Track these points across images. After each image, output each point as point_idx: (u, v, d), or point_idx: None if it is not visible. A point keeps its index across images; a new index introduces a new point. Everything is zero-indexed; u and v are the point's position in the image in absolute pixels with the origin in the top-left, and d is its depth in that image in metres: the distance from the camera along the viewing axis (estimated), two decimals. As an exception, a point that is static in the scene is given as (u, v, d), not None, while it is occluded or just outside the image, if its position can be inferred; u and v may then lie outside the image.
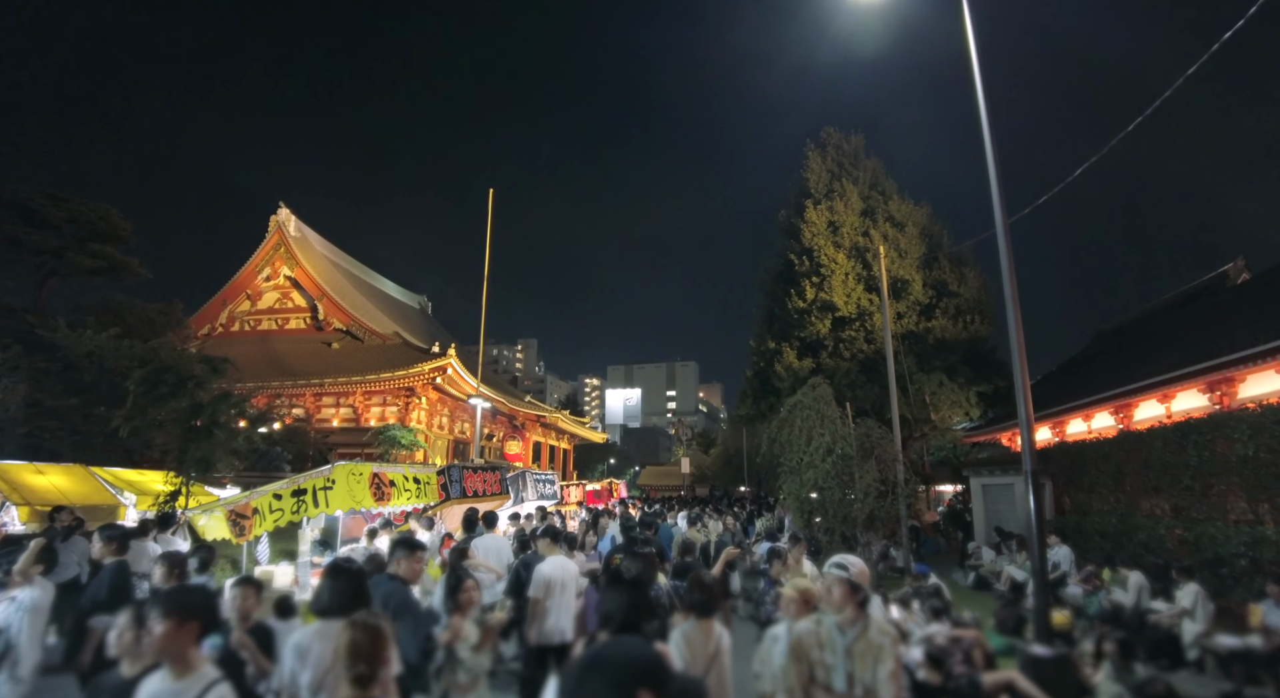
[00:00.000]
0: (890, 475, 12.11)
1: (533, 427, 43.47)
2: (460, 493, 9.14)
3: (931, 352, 20.97)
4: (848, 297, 21.92)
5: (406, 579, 4.19)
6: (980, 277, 22.75)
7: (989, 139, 6.53)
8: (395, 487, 7.78)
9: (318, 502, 6.65)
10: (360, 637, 2.39)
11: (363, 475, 7.27)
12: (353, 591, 3.22)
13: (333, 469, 6.94)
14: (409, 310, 51.23)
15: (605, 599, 3.09)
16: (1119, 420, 19.01)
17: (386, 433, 23.72)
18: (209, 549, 5.00)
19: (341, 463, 7.16)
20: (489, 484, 9.98)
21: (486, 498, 9.75)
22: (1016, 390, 7.00)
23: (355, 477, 7.12)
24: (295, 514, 6.58)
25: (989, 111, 6.61)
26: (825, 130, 26.35)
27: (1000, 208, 6.57)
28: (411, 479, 8.23)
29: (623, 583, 3.22)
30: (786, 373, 22.26)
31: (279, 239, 40.81)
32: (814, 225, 23.24)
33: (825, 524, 11.78)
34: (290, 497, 6.55)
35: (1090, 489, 13.48)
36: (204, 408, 10.17)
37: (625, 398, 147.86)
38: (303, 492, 6.61)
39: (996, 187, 6.57)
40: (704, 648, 3.43)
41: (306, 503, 6.59)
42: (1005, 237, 6.56)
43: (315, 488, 6.67)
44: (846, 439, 12.12)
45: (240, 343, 37.10)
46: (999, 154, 6.50)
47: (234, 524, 6.26)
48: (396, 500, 7.72)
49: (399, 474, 8.01)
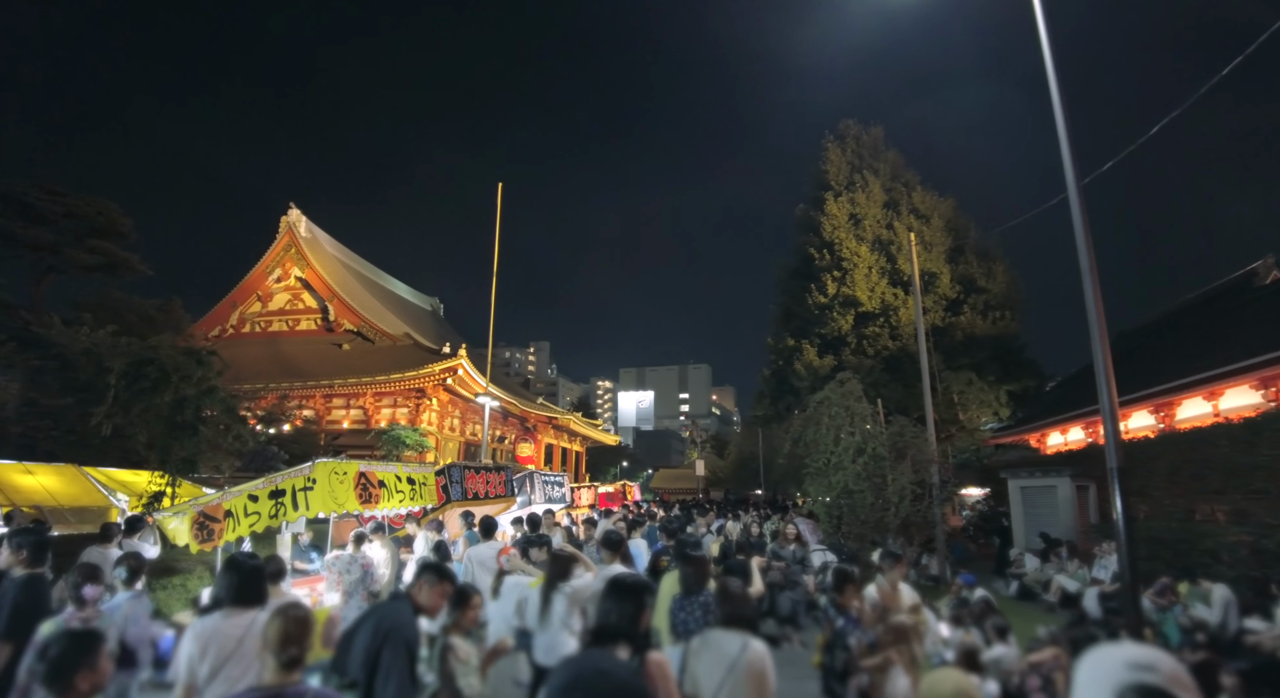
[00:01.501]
0: (925, 478, 11.24)
1: (544, 429, 42.86)
2: (461, 495, 8.38)
3: (959, 348, 20.05)
4: (871, 291, 21.05)
5: (422, 608, 3.41)
6: (1009, 271, 21.84)
7: (1056, 87, 5.73)
8: (385, 488, 7.01)
9: (297, 504, 5.91)
10: (290, 625, 2.57)
11: (347, 475, 6.51)
12: (244, 583, 3.33)
13: (313, 467, 6.18)
14: (420, 312, 50.87)
15: (601, 605, 2.90)
16: (1159, 419, 18.04)
17: (390, 433, 23.04)
18: (137, 557, 4.27)
19: (323, 460, 6.43)
20: (492, 486, 9.20)
21: (490, 501, 8.99)
22: (1098, 373, 6.15)
23: (338, 476, 6.36)
24: (274, 518, 5.85)
25: (1055, 58, 5.82)
26: (843, 123, 25.51)
27: (1071, 166, 5.74)
28: (405, 480, 7.45)
29: (621, 588, 2.92)
30: (806, 372, 21.42)
31: (289, 240, 40.58)
32: (834, 218, 22.40)
33: (855, 530, 10.93)
34: (268, 498, 5.83)
35: (1140, 493, 12.51)
36: (188, 403, 9.53)
37: (638, 401, 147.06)
38: (281, 493, 5.88)
39: (1067, 143, 5.75)
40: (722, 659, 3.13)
41: (285, 505, 5.86)
42: (1079, 199, 5.74)
43: (295, 488, 5.93)
44: (878, 439, 11.26)
45: (250, 344, 37.00)
46: (1069, 108, 5.70)
47: (199, 529, 5.54)
48: (386, 503, 6.95)
49: (389, 474, 7.24)
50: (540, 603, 4.43)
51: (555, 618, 4.41)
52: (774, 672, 3.14)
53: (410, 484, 7.37)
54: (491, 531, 6.24)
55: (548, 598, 4.43)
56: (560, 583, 4.48)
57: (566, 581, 4.52)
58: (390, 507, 6.92)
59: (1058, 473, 13.22)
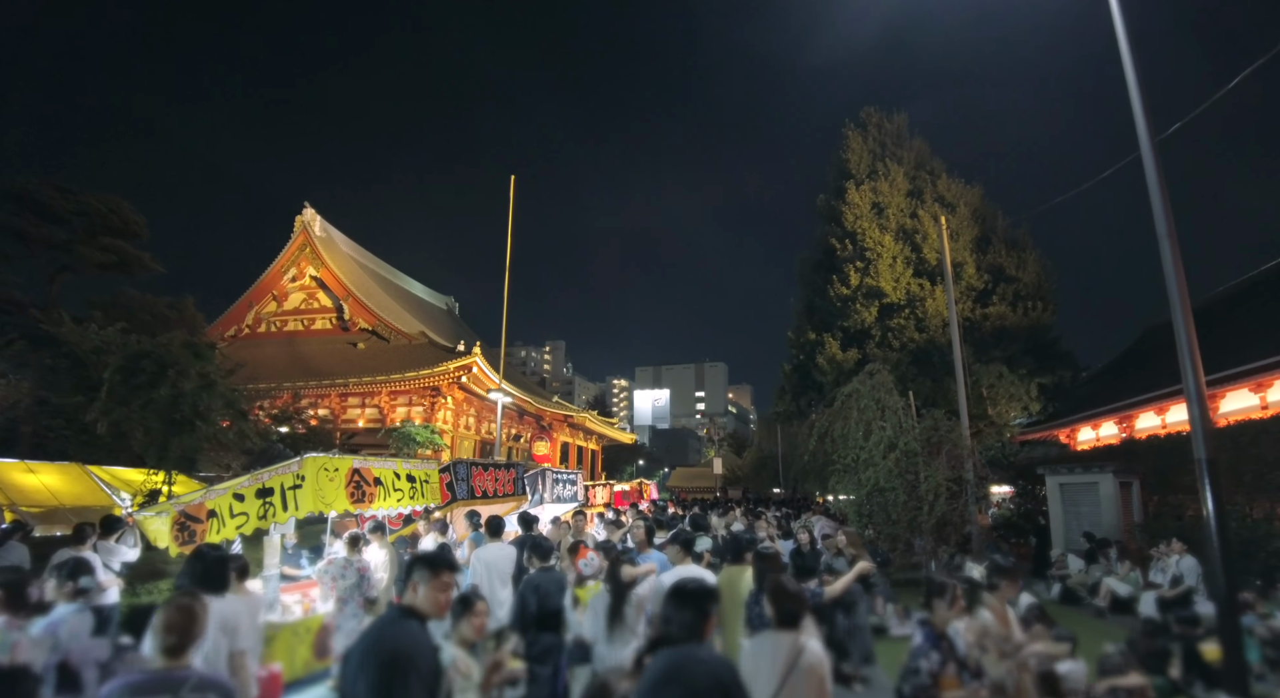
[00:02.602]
0: (961, 474, 10.57)
1: (560, 428, 42.54)
2: (468, 493, 7.84)
3: (990, 340, 19.25)
4: (896, 282, 20.32)
5: (424, 614, 2.78)
6: (1039, 261, 20.99)
7: (1123, 31, 5.09)
8: (381, 486, 6.47)
9: (286, 504, 5.44)
10: (171, 614, 2.69)
11: (339, 472, 5.98)
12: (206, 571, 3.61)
13: (302, 463, 5.67)
14: (436, 311, 50.78)
15: (665, 612, 2.81)
16: (1201, 413, 17.22)
17: (401, 430, 22.58)
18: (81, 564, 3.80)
19: (313, 455, 5.90)
20: (501, 484, 8.66)
21: (499, 499, 8.47)
22: (1181, 353, 5.49)
23: (328, 473, 5.84)
24: (263, 519, 5.38)
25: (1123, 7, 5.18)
26: (865, 110, 24.78)
27: (1144, 121, 5.10)
28: (404, 477, 6.89)
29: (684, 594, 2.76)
30: (829, 366, 20.73)
31: (304, 240, 40.60)
32: (857, 208, 21.68)
33: (887, 530, 10.29)
34: (255, 497, 5.35)
35: (1191, 490, 11.74)
36: (184, 398, 9.12)
37: (654, 399, 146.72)
38: (269, 491, 5.40)
39: (1138, 96, 5.11)
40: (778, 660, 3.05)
41: (274, 505, 5.39)
42: (1153, 156, 5.09)
43: (283, 486, 5.46)
44: (910, 433, 10.61)
45: (266, 344, 37.13)
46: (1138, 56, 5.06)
47: (180, 530, 5.08)
48: (382, 502, 6.43)
49: (387, 471, 6.68)
50: (609, 613, 4.18)
51: (626, 628, 4.19)
52: (830, 676, 3.06)
53: (410, 482, 6.83)
54: (499, 530, 5.66)
55: (618, 607, 4.18)
56: (629, 591, 4.25)
57: (634, 587, 4.29)
58: (387, 506, 6.40)
59: (1100, 469, 12.45)
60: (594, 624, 4.26)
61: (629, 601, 4.24)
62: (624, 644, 4.13)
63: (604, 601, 4.31)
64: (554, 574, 4.60)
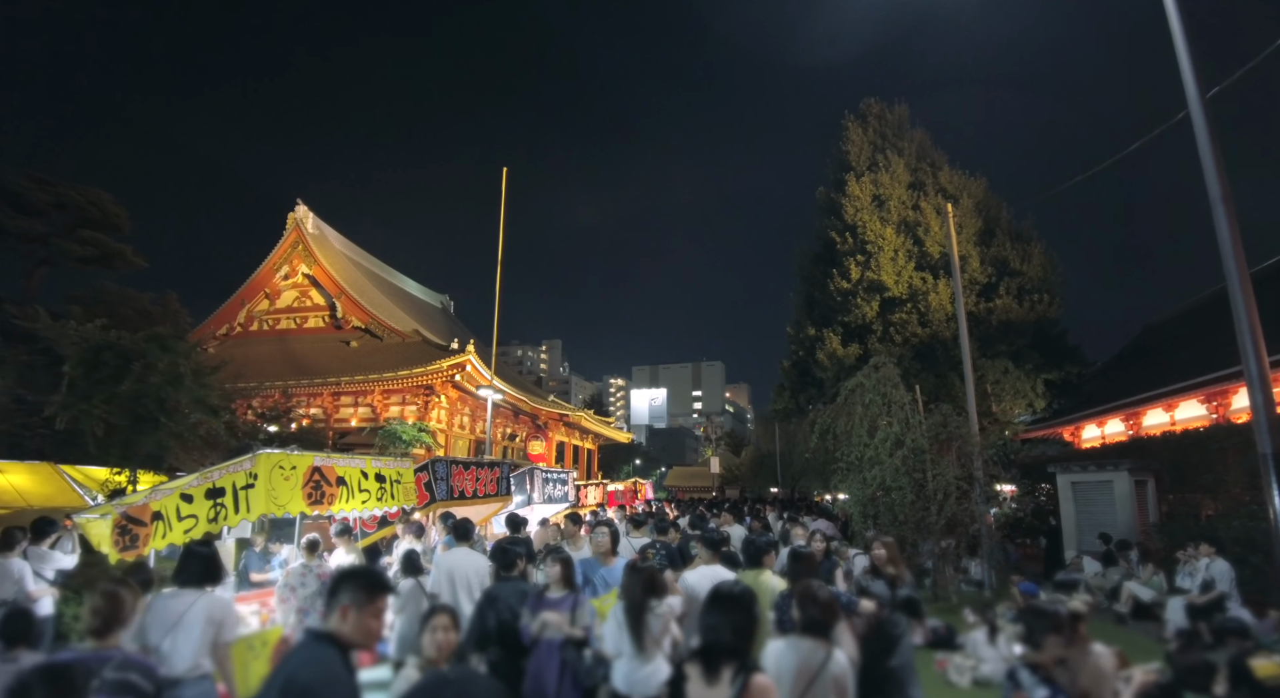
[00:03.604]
0: (971, 472, 10.07)
1: (556, 427, 42.13)
2: (447, 494, 7.30)
3: (995, 335, 18.76)
4: (897, 275, 19.81)
5: (349, 643, 2.25)
6: (1044, 253, 20.51)
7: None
8: (345, 485, 5.87)
9: (239, 505, 4.92)
10: (101, 601, 2.98)
11: (296, 470, 5.41)
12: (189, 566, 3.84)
13: (255, 460, 5.16)
14: (430, 309, 50.38)
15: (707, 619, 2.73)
16: (1212, 409, 16.80)
17: (387, 429, 21.97)
18: None
19: (267, 451, 5.35)
20: (484, 483, 8.09)
21: (481, 500, 7.92)
22: (1241, 332, 4.95)
23: (282, 471, 5.26)
24: (212, 523, 4.85)
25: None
26: (865, 101, 24.27)
27: (1192, 75, 4.60)
28: (372, 476, 6.26)
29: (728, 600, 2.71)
30: (830, 361, 20.23)
31: (297, 237, 40.30)
32: (857, 200, 21.18)
33: (894, 532, 9.77)
34: (204, 498, 4.83)
35: (1211, 489, 11.27)
36: (148, 393, 8.59)
37: (650, 398, 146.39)
38: (219, 492, 4.88)
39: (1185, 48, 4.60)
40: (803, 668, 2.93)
41: (225, 507, 4.86)
42: (1203, 111, 4.60)
43: (235, 486, 4.94)
44: (918, 429, 10.10)
45: (259, 343, 36.81)
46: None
47: (122, 534, 4.57)
48: (345, 504, 5.83)
49: (353, 470, 6.05)
50: (630, 626, 3.82)
51: (649, 642, 3.85)
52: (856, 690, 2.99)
53: (379, 482, 6.24)
54: (467, 534, 5.10)
55: (639, 620, 3.81)
56: (652, 601, 3.89)
57: (658, 597, 3.94)
58: (350, 508, 5.83)
59: (1114, 466, 11.95)
60: (616, 638, 3.89)
61: (652, 611, 3.86)
62: (648, 661, 3.79)
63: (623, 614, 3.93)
64: (516, 585, 4.09)
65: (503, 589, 4.02)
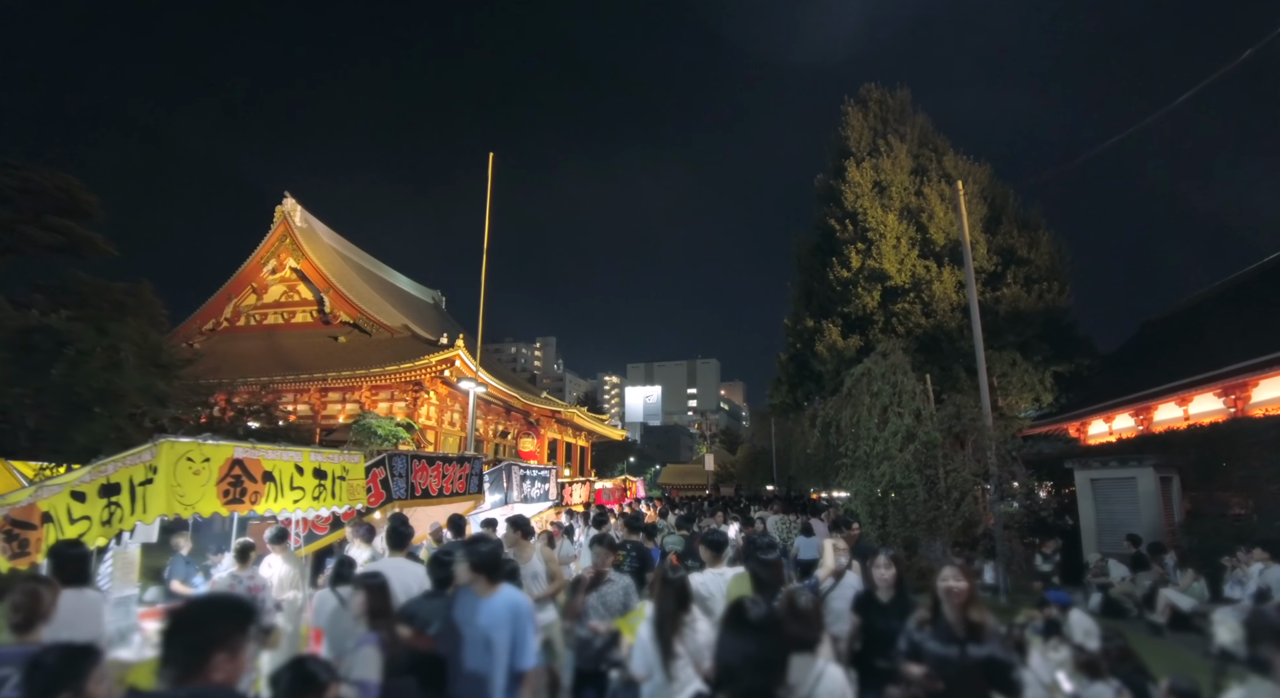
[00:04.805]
0: (987, 468, 9.29)
1: (548, 424, 41.49)
2: (406, 492, 6.44)
3: (1003, 325, 18.01)
4: (900, 264, 19.04)
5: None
6: (1052, 241, 19.79)
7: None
8: (273, 482, 4.93)
9: (135, 504, 4.08)
10: (19, 598, 3.05)
11: (208, 463, 4.42)
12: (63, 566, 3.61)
13: (156, 450, 4.18)
14: (421, 304, 49.78)
15: (724, 647, 2.27)
16: (1230, 403, 16.14)
17: (362, 423, 21.03)
18: None
19: (170, 439, 4.31)
20: (450, 480, 7.21)
21: (448, 499, 7.05)
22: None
23: (191, 464, 4.28)
24: (107, 525, 4.00)
25: None
26: (865, 86, 23.48)
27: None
28: (309, 471, 5.31)
29: (749, 625, 2.19)
30: (829, 353, 19.46)
31: (284, 230, 39.77)
32: (858, 186, 20.40)
33: (903, 533, 8.99)
34: (98, 496, 4.01)
35: (1242, 486, 10.53)
36: (79, 380, 7.74)
37: (645, 396, 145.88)
38: (115, 488, 4.04)
39: None
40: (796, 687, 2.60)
41: (121, 507, 4.04)
42: None
43: (133, 482, 4.10)
44: (930, 421, 9.32)
45: (246, 338, 36.32)
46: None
47: (8, 539, 3.78)
48: (273, 503, 4.89)
49: (286, 464, 5.08)
50: (658, 645, 3.38)
51: (680, 663, 3.43)
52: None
53: (319, 478, 5.34)
54: (402, 541, 4.26)
55: (668, 637, 3.39)
56: (683, 615, 3.49)
57: (688, 611, 3.53)
58: (280, 508, 4.92)
59: (1138, 462, 11.19)
60: (643, 658, 3.44)
61: (687, 625, 3.48)
62: (683, 686, 3.35)
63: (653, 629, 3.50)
64: (439, 603, 3.32)
65: (424, 608, 3.24)
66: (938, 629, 3.26)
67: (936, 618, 3.31)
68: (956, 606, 3.21)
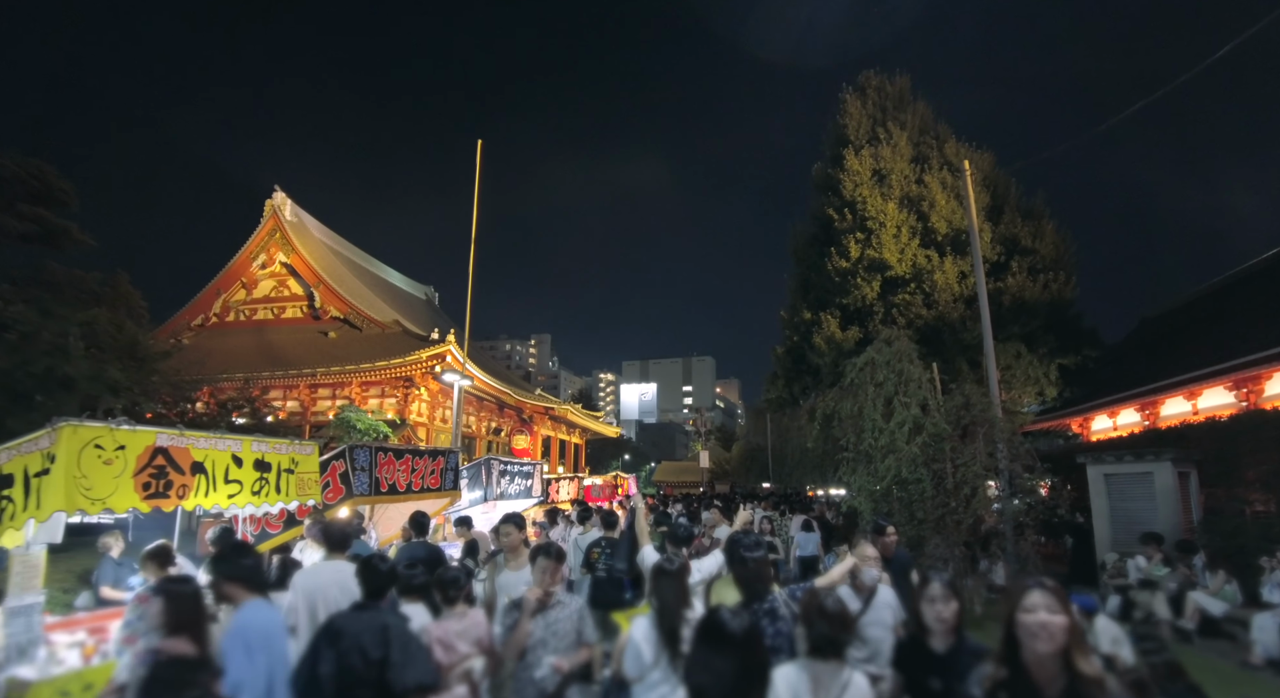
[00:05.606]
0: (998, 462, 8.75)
1: (542, 421, 41.06)
2: (370, 487, 5.81)
3: (1007, 316, 17.48)
4: (900, 253, 18.50)
5: None
6: (1056, 231, 19.29)
7: None
8: (205, 474, 4.29)
9: (29, 499, 3.47)
10: None
11: (123, 451, 3.80)
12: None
13: (55, 434, 3.61)
14: (413, 300, 49.46)
15: (696, 663, 2.05)
16: (1241, 396, 15.68)
17: (341, 417, 20.30)
18: None
19: (72, 422, 3.73)
20: (420, 475, 6.57)
21: (417, 495, 6.42)
22: None
23: (100, 452, 3.66)
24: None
25: None
26: (864, 74, 22.93)
27: None
28: (250, 464, 4.65)
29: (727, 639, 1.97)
30: (827, 346, 18.92)
31: (274, 224, 39.54)
32: (857, 175, 19.85)
33: (909, 532, 8.44)
34: (-15, 491, 3.44)
35: (1266, 482, 10.01)
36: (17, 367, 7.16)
37: (640, 393, 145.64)
38: (7, 480, 3.44)
39: None
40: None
41: (14, 501, 3.42)
42: None
43: (28, 473, 3.50)
44: (938, 412, 8.77)
45: (236, 334, 36.07)
46: None
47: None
48: (203, 498, 4.26)
49: (220, 454, 4.43)
50: (663, 641, 3.09)
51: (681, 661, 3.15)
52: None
53: (261, 470, 4.70)
54: (342, 542, 3.62)
55: (673, 634, 3.09)
56: (687, 612, 3.23)
57: (690, 607, 3.31)
58: (210, 504, 4.28)
59: (1155, 456, 10.66)
60: (636, 658, 3.11)
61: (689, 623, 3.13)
62: (675, 687, 3.01)
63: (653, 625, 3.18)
64: (372, 616, 2.76)
65: (353, 623, 2.69)
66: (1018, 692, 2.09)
67: (1016, 675, 2.11)
68: (1052, 652, 2.02)
